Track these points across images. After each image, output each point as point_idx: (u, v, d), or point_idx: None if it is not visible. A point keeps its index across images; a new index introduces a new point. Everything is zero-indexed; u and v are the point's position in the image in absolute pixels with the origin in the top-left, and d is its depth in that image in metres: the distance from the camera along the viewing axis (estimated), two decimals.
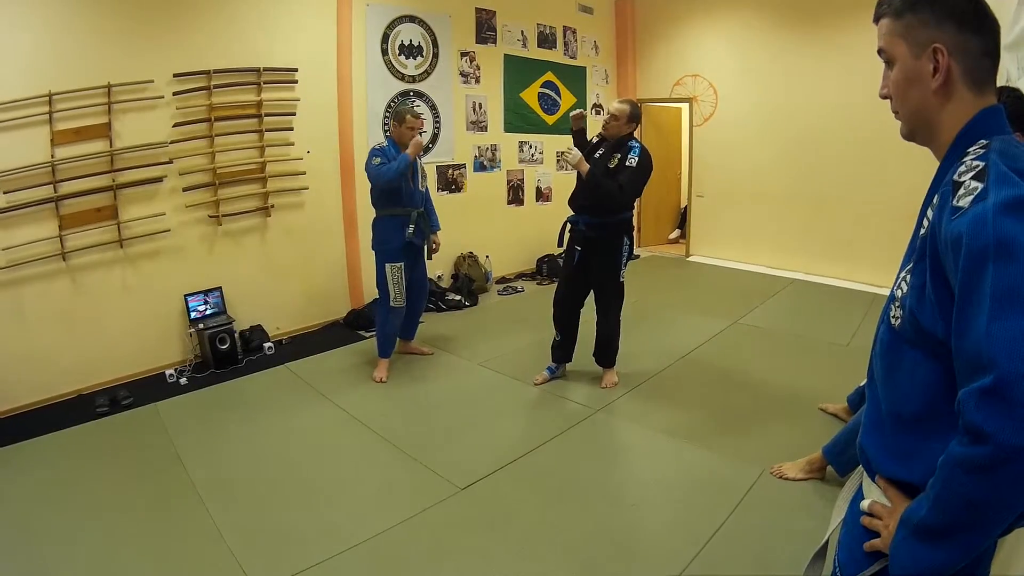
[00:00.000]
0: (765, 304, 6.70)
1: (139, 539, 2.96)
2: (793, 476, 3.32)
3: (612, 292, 4.48)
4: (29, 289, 4.41)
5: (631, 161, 4.21)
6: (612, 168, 4.24)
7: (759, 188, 8.41)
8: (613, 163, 4.25)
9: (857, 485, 1.36)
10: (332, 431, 4.06)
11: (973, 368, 0.92)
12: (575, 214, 4.45)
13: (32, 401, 4.48)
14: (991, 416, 0.87)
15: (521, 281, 8.00)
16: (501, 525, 3.03)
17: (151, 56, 4.78)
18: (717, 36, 8.56)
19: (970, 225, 0.95)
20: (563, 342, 4.70)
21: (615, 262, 4.38)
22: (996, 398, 0.87)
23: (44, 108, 4.29)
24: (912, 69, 1.16)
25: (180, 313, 5.16)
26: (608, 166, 4.26)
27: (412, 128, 4.62)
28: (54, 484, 3.45)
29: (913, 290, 1.11)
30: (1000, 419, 0.86)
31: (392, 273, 4.73)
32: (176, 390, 4.71)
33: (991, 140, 1.07)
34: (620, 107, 4.27)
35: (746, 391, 4.49)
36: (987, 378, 0.88)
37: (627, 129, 4.32)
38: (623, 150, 4.26)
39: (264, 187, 5.58)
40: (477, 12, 7.37)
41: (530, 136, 8.29)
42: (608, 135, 4.37)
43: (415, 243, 4.79)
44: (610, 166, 4.25)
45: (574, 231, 4.50)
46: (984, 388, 0.88)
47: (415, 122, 4.64)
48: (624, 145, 4.28)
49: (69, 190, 4.49)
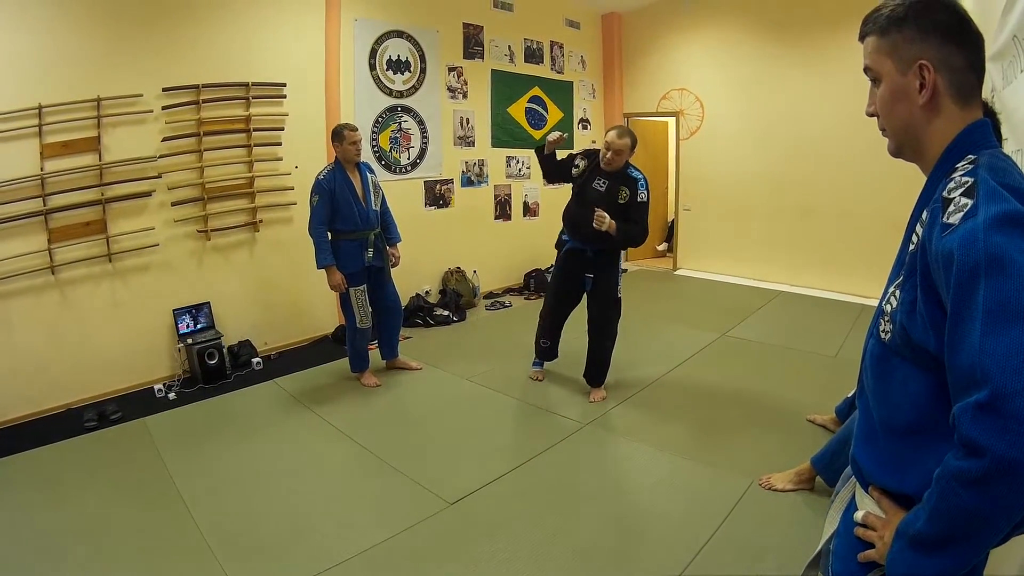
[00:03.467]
0: (752, 316, 6.75)
1: (126, 555, 2.93)
2: (782, 487, 3.34)
3: (612, 308, 4.54)
4: (17, 302, 4.39)
5: (642, 196, 4.28)
6: (623, 204, 4.26)
7: (745, 201, 8.50)
8: (623, 198, 4.27)
9: (850, 496, 1.37)
10: (321, 446, 4.05)
11: (967, 383, 0.93)
12: (580, 242, 4.45)
13: (20, 415, 4.45)
14: (986, 430, 0.88)
15: (509, 296, 8.01)
16: (491, 540, 3.03)
17: (140, 70, 4.78)
18: (704, 50, 8.66)
19: (961, 242, 0.96)
20: (551, 347, 4.92)
21: (615, 279, 4.50)
22: (991, 412, 0.88)
23: (34, 120, 4.29)
24: (899, 86, 1.18)
25: (169, 328, 5.14)
26: (619, 202, 4.27)
27: (354, 143, 4.63)
28: (41, 498, 3.42)
29: (903, 305, 1.12)
30: (995, 433, 0.87)
31: (356, 296, 4.75)
32: (165, 405, 4.68)
33: (979, 155, 1.08)
34: (622, 143, 4.24)
35: (734, 403, 4.51)
36: (981, 393, 0.89)
37: (626, 160, 4.35)
38: (629, 183, 4.30)
39: (252, 202, 5.58)
40: (465, 27, 7.42)
41: (517, 151, 8.32)
42: (610, 168, 4.33)
43: (375, 265, 4.82)
44: (620, 202, 4.27)
45: (580, 259, 4.49)
46: (979, 402, 0.90)
47: (354, 135, 4.64)
48: (629, 177, 4.31)
49: (58, 203, 4.48)
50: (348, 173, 4.66)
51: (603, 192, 4.32)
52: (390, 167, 6.76)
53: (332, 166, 4.66)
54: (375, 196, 4.82)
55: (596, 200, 4.27)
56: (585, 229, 4.27)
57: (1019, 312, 0.89)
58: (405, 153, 6.91)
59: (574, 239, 4.50)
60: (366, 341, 4.98)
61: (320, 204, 4.53)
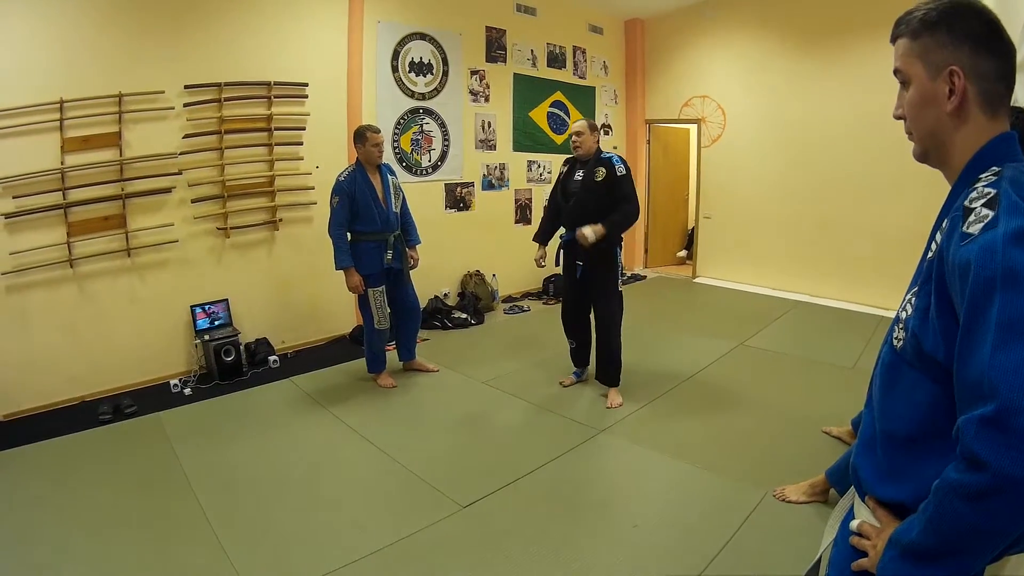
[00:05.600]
0: (771, 326, 6.66)
1: (138, 548, 2.91)
2: (796, 499, 3.27)
3: (613, 301, 4.54)
4: (35, 294, 4.43)
5: (620, 171, 4.36)
6: (601, 181, 4.35)
7: (766, 210, 8.41)
8: (600, 176, 4.36)
9: (849, 505, 1.37)
10: (335, 446, 4.02)
11: (974, 395, 0.92)
12: (571, 231, 4.52)
13: (35, 406, 4.48)
14: (990, 445, 0.87)
15: (527, 300, 7.99)
16: (503, 544, 2.98)
17: (162, 67, 4.82)
18: (726, 58, 8.60)
19: (979, 253, 0.95)
20: (579, 348, 4.89)
21: (614, 272, 4.50)
22: (996, 427, 0.87)
23: (55, 115, 4.33)
24: (928, 90, 1.16)
25: (186, 324, 5.15)
26: (596, 180, 4.37)
27: (376, 145, 4.61)
28: (54, 490, 3.42)
29: (917, 312, 1.11)
30: (998, 448, 0.86)
31: (374, 298, 4.73)
32: (180, 400, 4.69)
33: (1003, 168, 1.06)
34: (579, 126, 4.46)
35: (750, 413, 4.44)
36: (988, 407, 0.88)
37: (596, 142, 4.46)
38: (604, 163, 4.39)
39: (273, 201, 5.60)
40: (487, 31, 7.42)
41: (539, 155, 8.31)
42: (582, 156, 4.49)
43: (394, 267, 4.81)
44: (597, 179, 4.36)
45: (573, 248, 4.56)
46: (984, 417, 0.88)
47: (377, 137, 4.62)
48: (602, 159, 4.41)
49: (77, 197, 4.51)
50: (369, 175, 4.64)
51: (582, 178, 4.47)
52: (411, 169, 6.76)
53: (353, 167, 4.64)
54: (395, 198, 4.79)
55: (576, 186, 4.48)
56: (570, 215, 4.48)
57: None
58: (426, 155, 6.91)
59: (565, 229, 4.62)
60: (383, 342, 4.96)
61: (340, 206, 4.51)
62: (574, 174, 4.56)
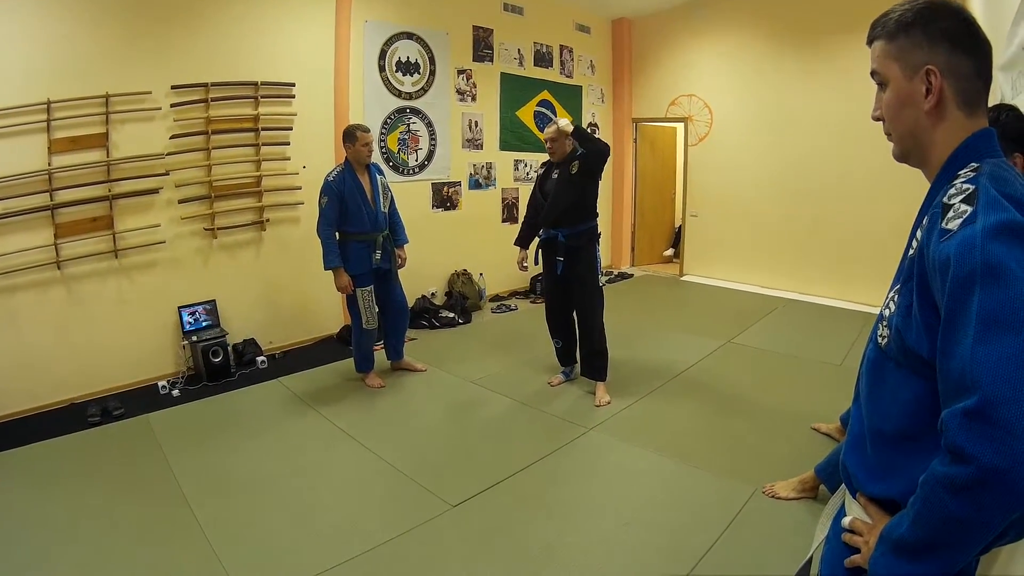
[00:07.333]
0: (758, 323, 6.71)
1: (127, 550, 2.92)
2: (785, 495, 3.31)
3: (594, 296, 4.61)
4: (23, 296, 4.40)
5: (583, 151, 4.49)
6: (576, 172, 4.47)
7: (753, 207, 8.46)
8: (575, 169, 4.46)
9: (840, 502, 1.38)
10: (324, 446, 4.03)
11: (957, 389, 0.93)
12: (550, 230, 4.61)
13: (23, 408, 4.46)
14: (973, 437, 0.88)
15: (514, 299, 8.00)
16: (493, 543, 3.00)
17: (149, 67, 4.80)
18: (713, 56, 8.64)
19: (958, 248, 0.96)
20: (565, 347, 4.91)
21: (594, 267, 4.58)
22: (979, 420, 0.88)
23: (42, 116, 4.31)
24: (905, 90, 1.17)
25: (174, 325, 5.14)
26: (571, 173, 4.47)
27: (366, 144, 4.61)
28: (42, 492, 3.42)
29: (900, 309, 1.13)
30: (982, 440, 0.87)
31: (363, 297, 4.73)
32: (168, 402, 4.68)
33: (982, 163, 1.08)
34: (550, 131, 4.54)
35: (739, 410, 4.48)
36: (971, 400, 0.90)
37: (571, 145, 4.53)
38: (578, 157, 4.47)
39: (260, 201, 5.59)
40: (475, 30, 7.43)
41: (525, 155, 8.32)
42: (557, 159, 4.59)
43: (383, 267, 4.82)
44: (573, 172, 4.46)
45: (552, 245, 4.63)
46: (967, 409, 0.90)
47: (366, 137, 4.62)
48: (576, 155, 4.49)
49: (65, 199, 4.49)
50: (358, 174, 4.63)
51: (558, 176, 4.58)
52: (398, 168, 6.76)
53: (342, 167, 4.63)
54: (384, 198, 4.80)
55: (552, 186, 4.58)
56: (552, 213, 4.56)
57: (1012, 322, 0.89)
58: (413, 155, 6.91)
59: (544, 228, 4.69)
60: (372, 342, 4.97)
61: (329, 206, 4.51)
62: (551, 175, 4.64)
